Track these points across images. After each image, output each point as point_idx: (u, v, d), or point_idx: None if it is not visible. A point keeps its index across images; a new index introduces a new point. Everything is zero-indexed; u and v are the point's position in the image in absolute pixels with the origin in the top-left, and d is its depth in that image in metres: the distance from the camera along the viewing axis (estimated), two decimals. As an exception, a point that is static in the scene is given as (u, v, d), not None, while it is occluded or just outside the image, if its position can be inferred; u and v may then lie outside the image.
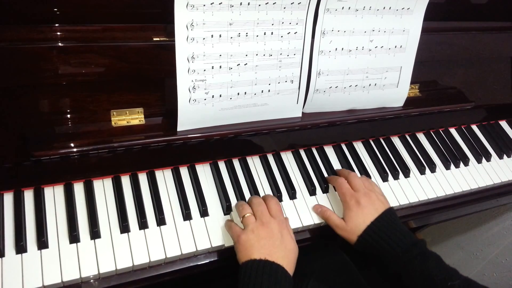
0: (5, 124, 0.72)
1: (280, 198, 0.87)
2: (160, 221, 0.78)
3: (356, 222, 0.79)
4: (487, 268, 1.52)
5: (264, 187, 0.89)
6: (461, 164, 1.06)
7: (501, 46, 1.11)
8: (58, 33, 0.69)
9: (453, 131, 1.14)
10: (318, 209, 0.86)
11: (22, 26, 0.67)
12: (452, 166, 1.05)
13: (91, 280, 0.71)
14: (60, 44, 0.69)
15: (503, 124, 1.22)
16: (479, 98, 1.14)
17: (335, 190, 0.89)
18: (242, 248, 0.72)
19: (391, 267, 0.77)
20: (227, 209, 0.82)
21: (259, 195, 0.85)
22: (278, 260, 0.70)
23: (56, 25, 0.69)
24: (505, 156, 1.13)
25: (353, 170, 0.95)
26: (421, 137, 1.09)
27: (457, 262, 1.61)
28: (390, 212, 0.81)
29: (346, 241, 0.82)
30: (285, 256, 0.72)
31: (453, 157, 1.06)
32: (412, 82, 0.97)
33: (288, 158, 0.95)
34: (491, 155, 1.11)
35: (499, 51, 1.13)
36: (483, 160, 1.09)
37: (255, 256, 0.70)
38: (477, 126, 1.18)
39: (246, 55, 0.79)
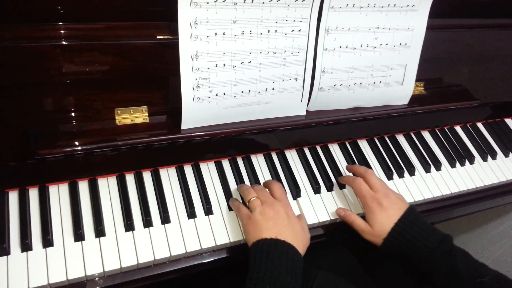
0: (10, 122, 0.72)
1: (284, 196, 0.86)
2: (165, 219, 0.78)
3: (381, 225, 0.78)
4: (492, 266, 1.49)
5: (268, 185, 0.88)
6: (467, 162, 1.05)
7: (506, 43, 1.10)
8: (62, 32, 0.69)
9: (458, 129, 1.14)
10: (342, 213, 0.84)
11: (26, 24, 0.67)
12: (458, 164, 1.04)
13: (96, 278, 0.71)
14: (63, 42, 0.69)
15: (509, 121, 1.21)
16: (484, 95, 1.13)
17: (338, 186, 0.89)
18: (252, 229, 0.73)
19: (419, 267, 0.75)
20: (231, 208, 0.82)
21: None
22: (288, 239, 0.71)
23: (60, 23, 0.69)
24: (511, 154, 1.12)
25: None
26: (426, 135, 1.09)
27: (462, 261, 1.60)
28: (412, 211, 0.79)
29: (350, 240, 0.82)
30: (294, 236, 0.72)
31: (458, 155, 1.06)
32: (417, 80, 0.97)
33: (292, 156, 0.94)
34: (496, 153, 1.10)
35: (504, 48, 1.12)
36: (489, 158, 1.09)
37: (265, 235, 0.71)
38: (482, 124, 1.18)
39: (250, 53, 0.78)
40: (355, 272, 0.97)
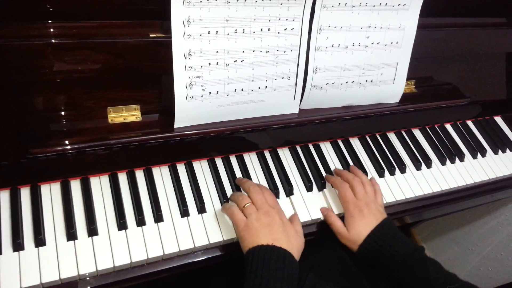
0: (1, 121, 0.72)
1: (277, 195, 0.87)
2: (158, 218, 0.77)
3: (358, 231, 0.81)
4: (483, 262, 1.53)
5: (261, 183, 0.88)
6: (457, 160, 1.07)
7: (496, 42, 1.12)
8: (54, 30, 0.69)
9: (448, 127, 1.15)
10: (324, 212, 0.87)
11: (18, 22, 0.67)
12: (448, 161, 1.05)
13: (89, 278, 0.71)
14: (55, 41, 0.68)
15: (498, 119, 1.23)
16: (474, 94, 1.15)
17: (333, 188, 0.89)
18: (248, 235, 0.73)
19: (393, 274, 0.79)
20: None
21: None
22: (284, 246, 0.71)
23: (52, 21, 0.68)
24: (500, 151, 1.13)
25: (349, 166, 0.96)
26: (417, 133, 1.10)
27: (453, 257, 1.62)
28: (388, 221, 0.83)
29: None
30: (289, 242, 0.73)
31: (448, 152, 1.07)
32: (408, 78, 0.98)
33: (285, 154, 0.95)
34: (486, 150, 1.11)
35: (494, 47, 1.13)
36: (479, 155, 1.10)
37: (262, 242, 0.71)
38: (472, 121, 1.19)
39: (243, 52, 0.79)
40: (347, 269, 0.98)
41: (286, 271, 0.69)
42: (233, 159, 0.91)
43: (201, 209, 0.81)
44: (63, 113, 0.75)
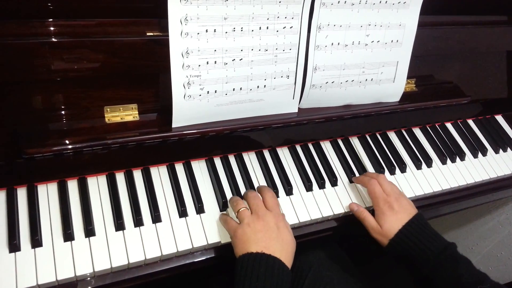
0: (-3, 121, 0.71)
1: (276, 194, 0.86)
2: (156, 218, 0.77)
3: (389, 226, 0.81)
4: (482, 262, 1.53)
5: (260, 183, 0.88)
6: (457, 159, 1.06)
7: (496, 40, 1.11)
8: (50, 28, 0.68)
9: (449, 125, 1.14)
10: (355, 208, 0.87)
11: (13, 21, 0.66)
12: (449, 161, 1.05)
13: (86, 279, 0.70)
14: (52, 39, 0.68)
15: (499, 118, 1.22)
16: (475, 92, 1.14)
17: (330, 183, 0.89)
18: (239, 242, 0.72)
19: (422, 271, 0.77)
20: (223, 206, 0.82)
21: (255, 189, 0.84)
22: (275, 253, 0.70)
23: (48, 20, 0.68)
24: (501, 150, 1.13)
25: (350, 166, 0.95)
26: (418, 132, 1.09)
27: (453, 256, 1.62)
28: (420, 217, 0.82)
29: (343, 237, 0.82)
30: (283, 249, 0.72)
31: (449, 152, 1.06)
32: (408, 77, 0.97)
33: (284, 154, 0.94)
34: (487, 149, 1.11)
35: (494, 45, 1.12)
36: (479, 154, 1.09)
37: (252, 249, 0.70)
38: (473, 120, 1.18)
39: (242, 50, 0.78)
40: (346, 268, 0.98)
41: (276, 279, 0.68)
42: (232, 159, 0.90)
43: (200, 209, 0.80)
44: (59, 112, 0.74)
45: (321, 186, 0.90)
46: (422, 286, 0.78)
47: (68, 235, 0.71)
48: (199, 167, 0.86)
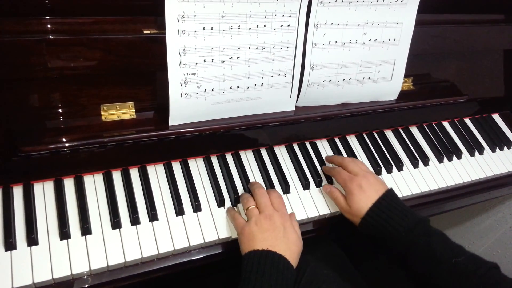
0: (-8, 119, 0.71)
1: (273, 193, 0.86)
2: (152, 216, 0.77)
3: (358, 205, 0.80)
4: (479, 260, 1.53)
5: (257, 181, 0.88)
6: (454, 157, 1.06)
7: (494, 39, 1.11)
8: (46, 26, 0.68)
9: (446, 124, 1.14)
10: (327, 189, 0.87)
11: (9, 18, 0.65)
12: (445, 159, 1.05)
13: (83, 277, 0.70)
14: (48, 37, 0.67)
15: (496, 117, 1.22)
16: (472, 91, 1.14)
17: (326, 180, 0.89)
18: (246, 239, 0.73)
19: (395, 249, 0.76)
20: (220, 204, 0.82)
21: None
22: (281, 252, 0.71)
23: (44, 17, 0.67)
24: (497, 149, 1.13)
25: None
26: (414, 130, 1.09)
27: (449, 255, 1.62)
28: (390, 193, 0.81)
29: (340, 235, 0.82)
30: (288, 248, 0.72)
31: (446, 150, 1.07)
32: (405, 76, 0.97)
33: (281, 152, 0.94)
34: (483, 148, 1.11)
35: (492, 44, 1.12)
36: (476, 153, 1.10)
37: (258, 247, 0.71)
38: (470, 119, 1.18)
39: (239, 48, 0.78)
40: (344, 266, 0.98)
41: (281, 276, 0.68)
42: (229, 157, 0.90)
43: (197, 207, 0.80)
44: (55, 110, 0.74)
45: (319, 184, 0.90)
46: (420, 285, 0.78)
47: (64, 234, 0.71)
48: (196, 166, 0.86)
